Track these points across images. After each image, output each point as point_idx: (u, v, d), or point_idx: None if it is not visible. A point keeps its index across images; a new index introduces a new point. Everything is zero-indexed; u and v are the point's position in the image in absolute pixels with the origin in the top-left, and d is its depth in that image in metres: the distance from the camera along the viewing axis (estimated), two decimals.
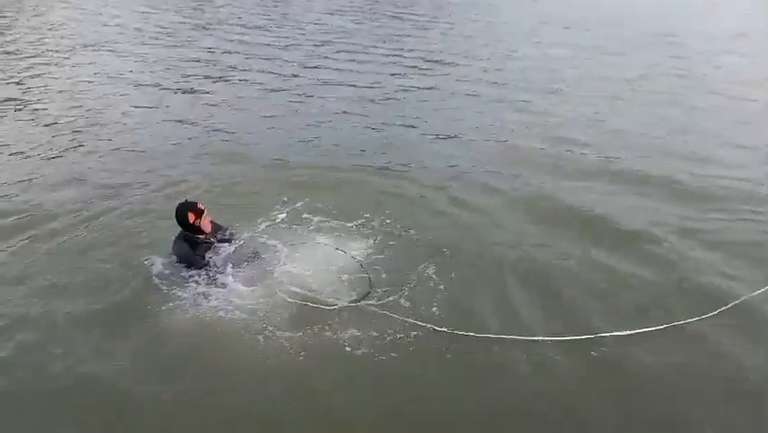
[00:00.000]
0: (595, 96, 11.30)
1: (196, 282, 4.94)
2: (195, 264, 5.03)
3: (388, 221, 6.14)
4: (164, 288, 4.95)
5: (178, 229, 5.20)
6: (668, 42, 16.71)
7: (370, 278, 5.11)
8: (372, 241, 5.76)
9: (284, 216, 6.14)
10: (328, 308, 4.81)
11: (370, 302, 4.85)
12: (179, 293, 4.89)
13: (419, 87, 11.87)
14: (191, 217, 5.06)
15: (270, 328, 4.56)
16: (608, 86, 12.08)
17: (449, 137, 9.13)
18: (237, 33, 17.16)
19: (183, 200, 5.20)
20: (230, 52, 14.62)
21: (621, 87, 11.98)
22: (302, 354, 4.36)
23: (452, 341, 4.51)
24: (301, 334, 4.53)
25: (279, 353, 4.36)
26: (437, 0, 25.30)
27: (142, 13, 20.38)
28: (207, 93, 11.33)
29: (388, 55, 14.69)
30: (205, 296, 4.85)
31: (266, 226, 5.89)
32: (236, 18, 19.85)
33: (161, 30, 17.40)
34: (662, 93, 11.62)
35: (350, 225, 6.05)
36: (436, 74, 12.96)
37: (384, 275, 5.23)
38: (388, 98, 11.22)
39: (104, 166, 7.84)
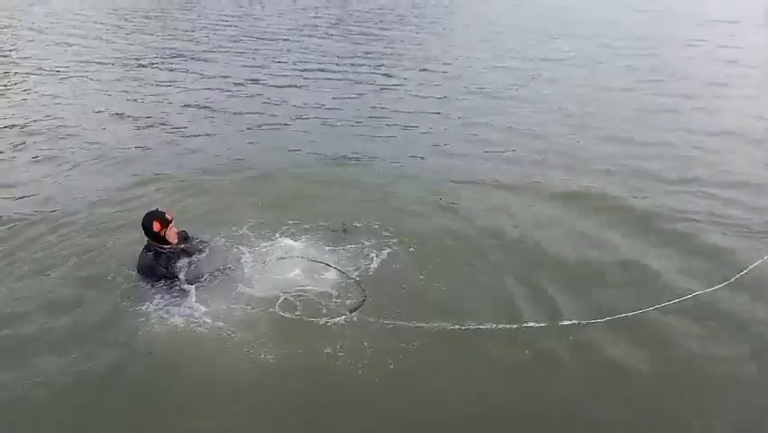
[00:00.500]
0: (564, 108, 11.27)
1: (160, 296, 4.65)
2: (156, 274, 4.77)
3: (369, 227, 5.94)
4: (129, 303, 4.65)
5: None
6: (643, 54, 16.52)
7: (363, 288, 4.82)
8: (356, 249, 5.51)
9: (255, 225, 5.84)
10: (314, 319, 4.50)
11: (362, 311, 4.58)
12: (144, 308, 4.57)
13: (387, 103, 11.67)
14: (156, 226, 4.80)
15: (242, 342, 4.26)
16: (576, 98, 11.94)
17: (422, 150, 8.97)
18: (200, 51, 16.60)
19: (153, 209, 4.96)
20: (192, 71, 14.12)
21: (588, 99, 11.88)
22: (293, 367, 4.10)
23: (457, 339, 4.37)
24: (285, 348, 4.25)
25: (265, 368, 4.08)
26: (402, 12, 25.15)
27: (100, 32, 19.76)
28: (171, 114, 10.81)
29: (359, 69, 14.55)
30: (168, 311, 4.52)
31: (237, 236, 5.60)
32: (201, 35, 19.36)
33: (118, 48, 16.85)
34: (627, 104, 11.58)
35: (332, 233, 5.81)
36: (405, 90, 12.72)
37: (374, 282, 4.98)
38: (356, 110, 11.05)
39: (64, 182, 7.46)
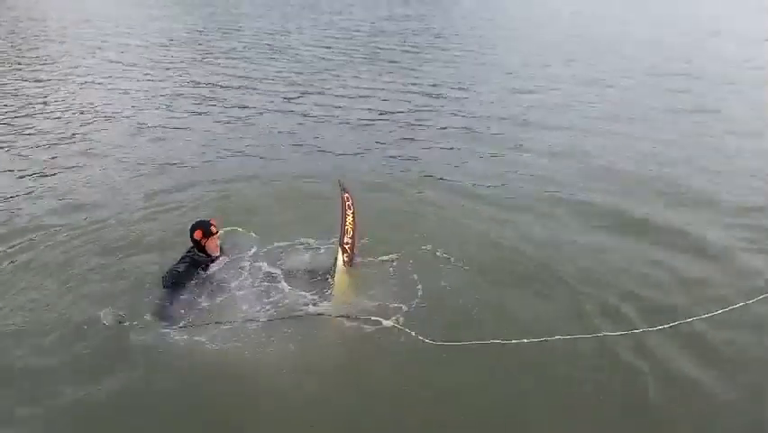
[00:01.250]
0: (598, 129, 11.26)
1: (180, 306, 4.79)
2: (181, 278, 4.91)
3: (408, 237, 6.13)
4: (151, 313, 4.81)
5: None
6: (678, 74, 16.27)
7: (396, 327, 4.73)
8: (389, 261, 5.67)
9: (291, 235, 5.99)
10: (341, 334, 4.65)
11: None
12: (167, 317, 4.73)
13: (417, 114, 11.93)
14: (197, 234, 5.03)
15: (263, 356, 4.45)
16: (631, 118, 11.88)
17: (457, 170, 9.14)
18: (233, 67, 16.79)
19: (206, 219, 5.19)
20: (223, 86, 14.37)
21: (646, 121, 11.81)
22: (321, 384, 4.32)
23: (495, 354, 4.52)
24: (310, 364, 4.46)
25: (289, 383, 4.30)
26: (438, 31, 25.31)
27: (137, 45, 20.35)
28: (209, 126, 11.19)
29: (385, 83, 14.86)
30: (191, 323, 4.65)
31: (273, 245, 5.75)
32: (232, 50, 19.79)
33: (154, 60, 17.43)
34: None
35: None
36: (445, 108, 12.74)
37: (413, 297, 5.16)
38: (378, 122, 11.28)
39: (99, 188, 7.86)
